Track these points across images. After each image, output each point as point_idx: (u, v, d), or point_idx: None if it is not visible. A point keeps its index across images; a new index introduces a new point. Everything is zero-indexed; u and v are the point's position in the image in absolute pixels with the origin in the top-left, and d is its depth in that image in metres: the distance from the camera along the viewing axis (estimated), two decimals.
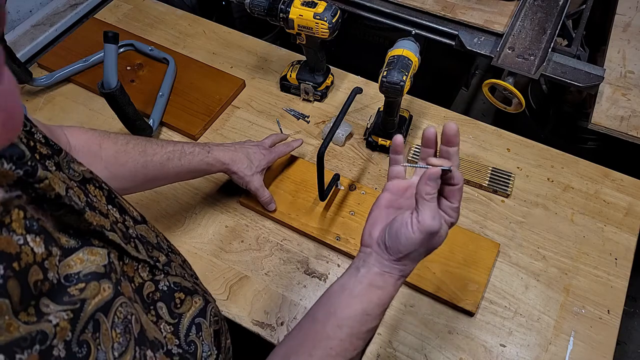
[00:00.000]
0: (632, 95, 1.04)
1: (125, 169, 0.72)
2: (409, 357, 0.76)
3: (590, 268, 0.84)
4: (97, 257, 0.40)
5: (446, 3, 1.19)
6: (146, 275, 0.48)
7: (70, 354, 0.33)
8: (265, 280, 0.84)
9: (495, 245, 0.85)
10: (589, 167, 0.97)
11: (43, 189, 0.38)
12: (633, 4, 1.24)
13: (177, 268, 0.55)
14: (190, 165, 0.78)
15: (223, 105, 1.08)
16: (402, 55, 0.83)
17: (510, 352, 0.76)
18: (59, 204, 0.39)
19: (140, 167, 0.74)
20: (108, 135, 0.73)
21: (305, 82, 1.06)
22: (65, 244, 0.38)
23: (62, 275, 0.36)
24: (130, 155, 0.73)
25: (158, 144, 0.77)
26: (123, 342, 0.38)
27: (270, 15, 0.96)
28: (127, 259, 0.46)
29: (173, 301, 0.51)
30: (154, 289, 0.49)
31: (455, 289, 0.80)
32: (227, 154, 0.82)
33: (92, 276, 0.38)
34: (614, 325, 0.78)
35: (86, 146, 0.68)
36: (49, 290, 0.34)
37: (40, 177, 0.38)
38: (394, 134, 0.95)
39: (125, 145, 0.73)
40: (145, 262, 0.48)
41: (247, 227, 0.90)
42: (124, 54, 1.17)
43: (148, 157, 0.74)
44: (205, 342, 0.51)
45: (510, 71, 1.05)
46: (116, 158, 0.71)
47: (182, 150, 0.78)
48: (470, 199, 0.93)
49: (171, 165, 0.76)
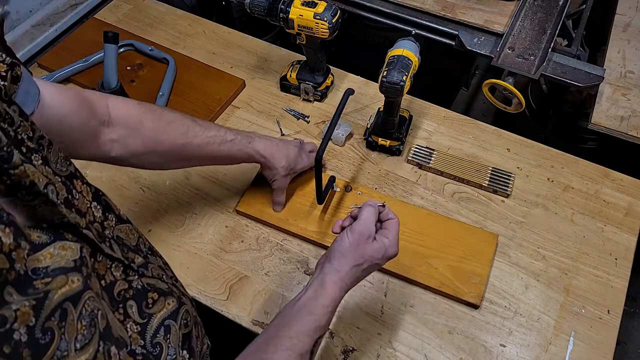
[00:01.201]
0: (632, 95, 1.04)
1: (163, 147, 0.72)
2: (409, 357, 0.76)
3: (590, 268, 0.84)
4: (68, 251, 0.40)
5: (446, 3, 1.19)
6: (119, 275, 0.48)
7: (32, 340, 0.33)
8: (265, 280, 0.84)
9: (493, 236, 0.86)
10: (589, 167, 0.97)
11: (18, 176, 0.38)
12: (633, 4, 1.24)
13: (154, 270, 0.54)
14: (229, 153, 0.78)
15: (223, 105, 1.08)
16: (402, 55, 0.83)
17: (510, 352, 0.76)
18: (34, 192, 0.39)
19: (179, 149, 0.74)
20: (153, 111, 0.73)
21: (305, 82, 1.06)
22: (37, 240, 0.38)
23: (29, 268, 0.36)
24: (169, 135, 0.73)
25: (202, 127, 0.76)
26: (87, 335, 0.38)
27: (270, 15, 0.96)
28: (100, 256, 0.46)
29: (145, 300, 0.50)
30: (126, 287, 0.49)
31: (459, 282, 0.80)
32: (268, 147, 0.81)
33: (59, 271, 0.38)
34: (614, 325, 0.78)
35: (125, 119, 0.69)
36: (15, 280, 0.34)
37: (15, 164, 0.38)
38: (394, 134, 0.96)
39: (167, 125, 0.73)
40: (119, 261, 0.48)
41: (247, 227, 0.90)
42: (124, 54, 1.17)
43: (188, 140, 0.74)
44: (172, 345, 0.51)
45: (510, 71, 1.05)
46: (155, 137, 0.72)
47: (224, 137, 0.77)
48: (470, 199, 0.93)
49: (209, 150, 0.76)
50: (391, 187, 0.94)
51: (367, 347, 0.77)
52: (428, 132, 1.03)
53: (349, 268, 0.61)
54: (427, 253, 0.83)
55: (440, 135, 1.03)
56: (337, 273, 0.60)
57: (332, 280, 0.60)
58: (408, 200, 0.92)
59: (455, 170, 0.95)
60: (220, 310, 0.80)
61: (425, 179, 0.96)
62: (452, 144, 1.01)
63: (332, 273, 0.60)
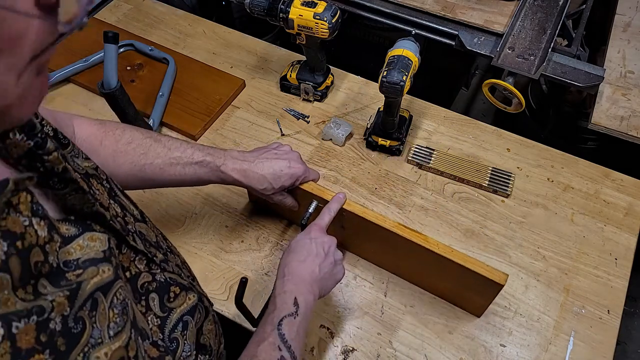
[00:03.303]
0: (632, 95, 1.04)
1: (121, 170, 0.69)
2: (409, 357, 0.76)
3: (590, 268, 0.84)
4: (97, 242, 0.41)
5: (446, 3, 1.20)
6: (143, 267, 0.49)
7: (66, 329, 0.34)
8: (265, 280, 0.84)
9: (500, 283, 0.68)
10: (589, 167, 0.97)
11: (51, 162, 0.39)
12: (633, 4, 1.24)
13: (174, 267, 0.55)
14: (196, 175, 0.71)
15: (223, 105, 1.08)
16: (402, 55, 0.83)
17: (510, 352, 0.76)
18: (65, 180, 0.41)
19: (138, 170, 0.70)
20: (113, 132, 0.70)
21: (305, 82, 1.06)
22: (66, 232, 0.39)
23: (61, 260, 0.37)
24: (129, 156, 0.69)
25: (165, 147, 0.71)
26: (120, 322, 0.39)
27: (270, 15, 0.96)
28: (124, 248, 0.47)
29: (167, 294, 0.51)
30: (150, 279, 0.49)
31: (460, 300, 0.79)
32: (241, 168, 0.72)
33: (89, 262, 0.39)
34: (614, 325, 0.78)
35: (88, 140, 0.67)
36: (48, 272, 0.35)
37: (49, 149, 0.39)
38: (394, 134, 0.96)
39: (126, 145, 0.69)
40: (143, 253, 0.49)
41: (247, 227, 0.90)
42: (124, 54, 1.17)
43: (148, 160, 0.70)
44: (189, 341, 0.52)
45: (510, 71, 1.05)
46: (114, 158, 0.69)
47: (189, 158, 0.70)
48: (470, 199, 0.93)
49: (173, 172, 0.71)
50: (391, 187, 0.94)
51: (367, 347, 0.77)
52: (428, 132, 1.03)
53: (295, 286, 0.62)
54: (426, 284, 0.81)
55: (440, 135, 1.03)
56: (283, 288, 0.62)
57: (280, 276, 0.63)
58: (408, 200, 0.92)
59: (455, 170, 0.95)
60: (220, 310, 0.80)
61: (425, 179, 0.96)
62: (452, 144, 1.01)
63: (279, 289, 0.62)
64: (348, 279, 0.83)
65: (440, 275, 0.75)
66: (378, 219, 0.73)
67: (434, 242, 0.70)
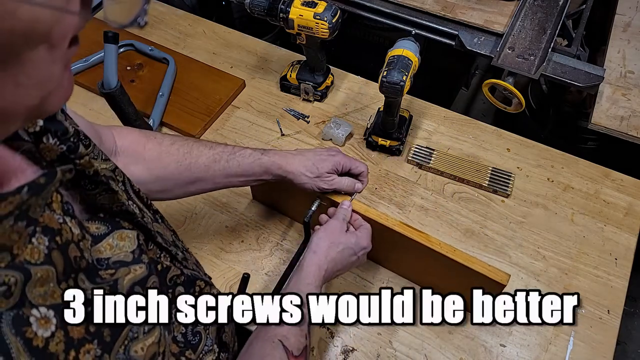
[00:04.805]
0: (632, 95, 1.04)
1: (168, 171, 0.68)
2: (409, 357, 0.76)
3: (590, 268, 0.84)
4: (125, 241, 0.42)
5: (446, 3, 1.20)
6: (169, 263, 0.51)
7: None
8: (265, 280, 0.84)
9: (502, 282, 0.68)
10: (589, 167, 0.97)
11: (83, 166, 0.41)
12: (633, 4, 1.24)
13: (193, 265, 0.57)
14: (240, 168, 0.71)
15: (223, 105, 1.08)
16: (402, 55, 0.83)
17: (510, 352, 0.76)
18: (96, 182, 0.42)
19: (184, 169, 0.69)
20: (155, 136, 0.70)
21: (305, 82, 1.06)
22: (95, 232, 0.41)
23: (94, 257, 0.39)
24: (173, 156, 0.69)
25: (207, 146, 0.72)
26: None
27: (270, 15, 0.96)
28: (151, 244, 0.48)
29: (193, 287, 0.53)
30: (179, 273, 0.51)
31: None
32: (283, 155, 0.74)
33: (120, 264, 0.40)
34: (614, 325, 0.78)
35: (131, 147, 0.67)
36: (86, 267, 0.36)
37: (81, 154, 0.41)
38: (394, 134, 0.96)
39: (169, 146, 0.69)
40: (167, 250, 0.51)
41: (247, 227, 0.90)
42: (124, 54, 1.17)
43: (193, 159, 0.69)
44: (210, 336, 0.53)
45: (510, 71, 1.05)
46: (159, 159, 0.68)
47: (231, 151, 0.72)
48: (470, 199, 0.93)
49: (218, 167, 0.70)
50: (391, 187, 0.94)
51: (367, 347, 0.77)
52: (428, 132, 1.03)
53: (326, 247, 0.65)
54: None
55: (440, 135, 1.03)
56: (314, 254, 0.65)
57: (310, 261, 0.64)
58: (408, 200, 0.92)
59: (455, 170, 0.95)
60: None
61: (425, 179, 0.96)
62: (452, 144, 1.01)
63: (310, 256, 0.65)
64: (348, 280, 0.83)
65: (442, 275, 0.75)
66: (380, 218, 0.73)
67: (435, 241, 0.70)
